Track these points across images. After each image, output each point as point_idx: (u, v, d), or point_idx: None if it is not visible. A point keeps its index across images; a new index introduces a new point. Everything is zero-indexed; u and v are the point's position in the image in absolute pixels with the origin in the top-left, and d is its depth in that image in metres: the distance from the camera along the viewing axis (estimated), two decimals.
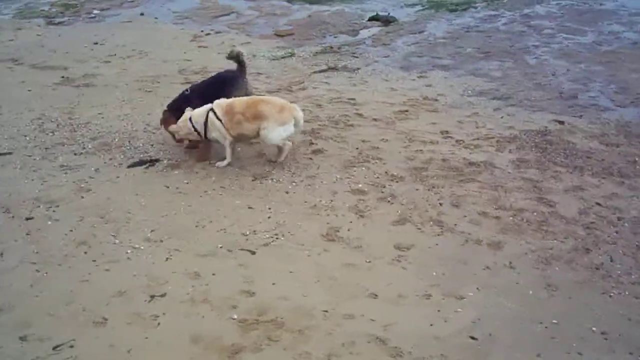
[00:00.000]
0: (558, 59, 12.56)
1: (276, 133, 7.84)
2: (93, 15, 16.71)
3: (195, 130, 7.96)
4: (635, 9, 16.48)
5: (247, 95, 8.56)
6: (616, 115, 9.80)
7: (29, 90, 10.85)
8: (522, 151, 8.53)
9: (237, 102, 7.96)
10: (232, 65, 9.02)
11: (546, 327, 5.43)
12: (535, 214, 7.09)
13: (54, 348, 5.14)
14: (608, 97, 10.58)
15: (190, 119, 7.96)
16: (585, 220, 6.98)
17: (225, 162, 8.08)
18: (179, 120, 8.07)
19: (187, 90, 8.79)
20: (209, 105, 7.99)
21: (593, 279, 6.04)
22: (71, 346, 5.16)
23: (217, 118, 7.87)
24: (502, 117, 9.72)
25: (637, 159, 8.32)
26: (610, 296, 5.81)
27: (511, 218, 7.00)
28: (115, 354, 5.10)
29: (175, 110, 8.40)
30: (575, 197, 7.44)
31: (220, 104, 7.97)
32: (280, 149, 8.06)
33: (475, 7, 16.96)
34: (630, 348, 5.26)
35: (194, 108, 8.10)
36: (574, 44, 13.47)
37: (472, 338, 5.30)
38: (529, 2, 17.28)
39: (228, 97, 8.18)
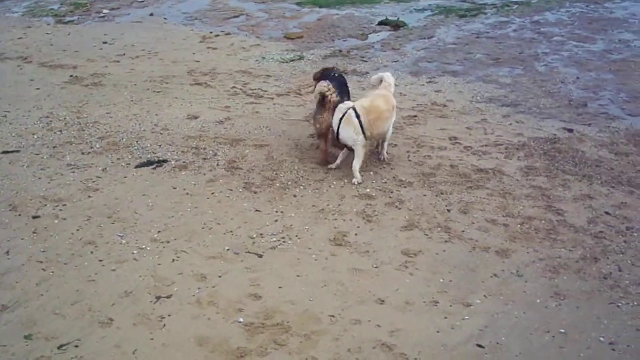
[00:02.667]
0: (568, 66, 12.51)
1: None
2: (103, 15, 16.75)
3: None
4: None
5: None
6: (626, 124, 9.73)
7: (37, 89, 10.88)
8: (531, 159, 8.49)
9: (379, 101, 7.94)
10: None
11: (554, 337, 5.39)
12: (543, 222, 7.06)
13: (59, 347, 5.14)
14: (618, 105, 10.52)
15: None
16: (594, 229, 6.94)
17: (356, 180, 7.81)
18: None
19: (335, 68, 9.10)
20: (349, 104, 7.86)
21: (601, 288, 6.00)
22: (77, 346, 5.16)
23: (357, 117, 7.69)
24: (511, 125, 9.68)
25: None
26: (619, 306, 5.77)
27: (520, 226, 6.97)
28: (120, 354, 5.09)
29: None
30: (585, 206, 7.40)
31: (362, 104, 7.84)
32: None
33: (486, 14, 16.92)
34: (639, 359, 5.22)
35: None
36: (584, 52, 13.42)
37: (480, 346, 5.27)
38: (539, 9, 17.26)
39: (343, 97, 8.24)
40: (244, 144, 8.72)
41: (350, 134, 7.71)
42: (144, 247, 6.45)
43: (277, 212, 7.14)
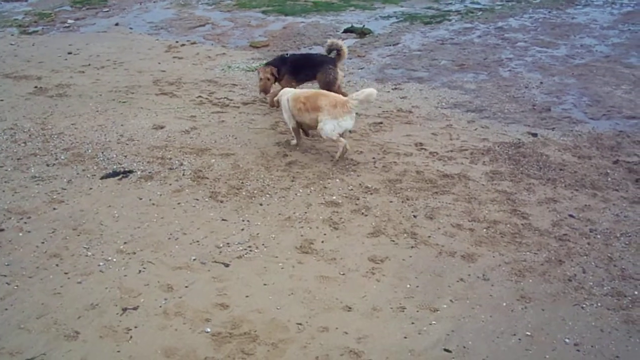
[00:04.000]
0: (531, 71, 12.68)
1: (329, 126, 8.34)
2: (67, 25, 16.64)
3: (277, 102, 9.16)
4: (606, 22, 16.73)
5: (330, 81, 9.84)
6: (588, 127, 9.87)
7: (1, 100, 10.76)
8: (496, 163, 8.57)
9: (303, 93, 8.80)
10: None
11: (520, 340, 5.44)
12: (508, 226, 7.12)
13: None
14: (581, 109, 10.67)
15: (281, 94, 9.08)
16: (558, 232, 7.02)
17: (293, 142, 9.06)
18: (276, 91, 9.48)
19: (287, 54, 10.73)
20: (290, 92, 8.98)
21: (566, 290, 6.07)
22: None
23: (287, 102, 8.77)
24: (476, 129, 9.77)
25: (609, 171, 8.38)
26: (583, 307, 5.84)
27: (485, 230, 7.03)
28: None
29: (272, 65, 10.12)
30: (549, 209, 7.48)
31: (292, 94, 8.85)
32: (337, 145, 8.61)
33: (450, 20, 17.09)
34: (603, 359, 5.29)
35: (285, 72, 10.09)
36: (547, 57, 13.61)
37: (447, 350, 5.30)
38: (503, 16, 17.47)
39: (313, 76, 9.93)
40: (210, 153, 8.70)
41: (285, 114, 8.92)
42: (109, 258, 6.40)
43: (243, 220, 7.13)
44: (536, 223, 7.19)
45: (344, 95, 9.06)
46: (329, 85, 9.67)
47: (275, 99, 9.19)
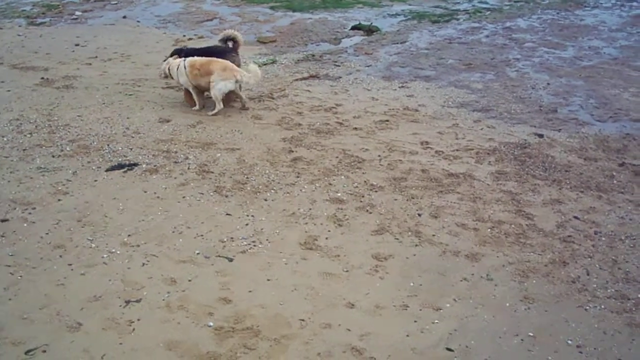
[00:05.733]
0: (539, 72, 12.65)
1: (218, 86, 9.80)
2: (75, 17, 16.64)
3: (169, 72, 10.19)
4: (614, 25, 16.70)
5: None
6: (595, 129, 9.85)
7: (7, 91, 10.77)
8: (502, 163, 8.55)
9: (197, 60, 9.97)
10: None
11: (522, 340, 5.44)
12: (513, 226, 7.11)
13: (26, 352, 5.09)
14: (587, 111, 10.64)
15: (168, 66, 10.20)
16: (563, 233, 7.01)
17: (196, 108, 10.24)
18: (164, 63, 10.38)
19: (185, 47, 11.40)
20: (182, 59, 10.10)
21: (569, 292, 6.06)
22: (44, 351, 5.11)
23: (185, 68, 9.91)
24: (482, 129, 9.75)
25: (614, 173, 8.36)
26: (586, 309, 5.83)
27: (489, 230, 7.02)
28: (89, 359, 5.04)
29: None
30: (554, 210, 7.46)
31: (189, 59, 10.01)
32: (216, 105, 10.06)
33: (458, 19, 17.07)
34: None
35: None
36: (554, 58, 13.58)
37: (449, 350, 5.30)
38: (511, 16, 17.44)
39: None
40: (215, 148, 8.71)
41: (182, 79, 10.01)
42: (113, 250, 6.41)
43: (247, 215, 7.13)
44: (541, 224, 7.18)
45: None
46: None
47: (164, 68, 10.24)
